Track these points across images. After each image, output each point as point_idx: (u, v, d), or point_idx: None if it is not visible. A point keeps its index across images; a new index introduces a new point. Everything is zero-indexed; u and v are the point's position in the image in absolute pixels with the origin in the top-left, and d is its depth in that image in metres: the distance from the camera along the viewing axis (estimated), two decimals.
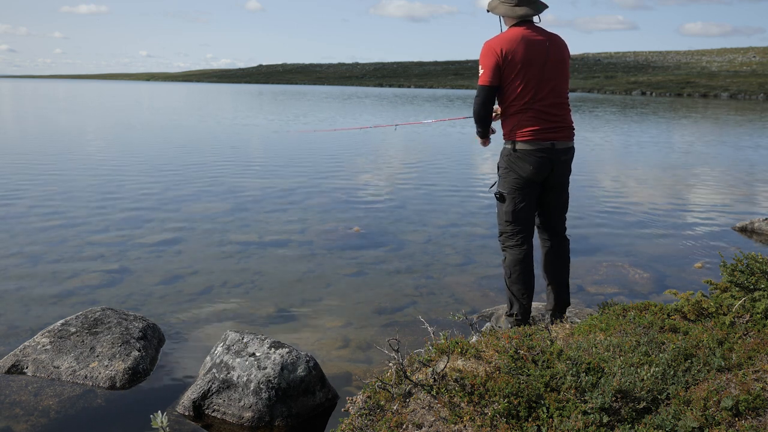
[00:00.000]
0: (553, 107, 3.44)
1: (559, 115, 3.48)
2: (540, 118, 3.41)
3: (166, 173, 10.88)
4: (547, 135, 3.42)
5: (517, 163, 3.45)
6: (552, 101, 3.44)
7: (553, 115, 3.45)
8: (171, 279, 5.20)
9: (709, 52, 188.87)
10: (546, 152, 3.42)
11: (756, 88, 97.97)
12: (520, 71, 3.35)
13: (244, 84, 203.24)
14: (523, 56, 3.33)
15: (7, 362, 3.48)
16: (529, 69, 3.35)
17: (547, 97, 3.42)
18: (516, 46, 3.33)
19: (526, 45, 3.34)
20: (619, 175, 12.23)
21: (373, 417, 2.44)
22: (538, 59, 3.36)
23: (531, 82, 3.37)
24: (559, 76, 3.46)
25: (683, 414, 2.16)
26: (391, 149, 16.24)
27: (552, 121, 3.44)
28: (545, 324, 3.37)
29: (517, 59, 3.33)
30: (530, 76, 3.36)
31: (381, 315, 4.56)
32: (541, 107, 3.41)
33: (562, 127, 3.48)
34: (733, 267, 3.18)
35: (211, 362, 3.30)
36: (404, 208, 8.41)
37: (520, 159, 3.43)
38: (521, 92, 3.38)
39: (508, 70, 3.36)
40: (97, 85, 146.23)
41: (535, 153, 3.41)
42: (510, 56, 3.32)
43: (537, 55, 3.36)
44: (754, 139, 21.94)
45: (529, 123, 3.40)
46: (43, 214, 7.40)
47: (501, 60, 3.33)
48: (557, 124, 3.46)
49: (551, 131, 3.43)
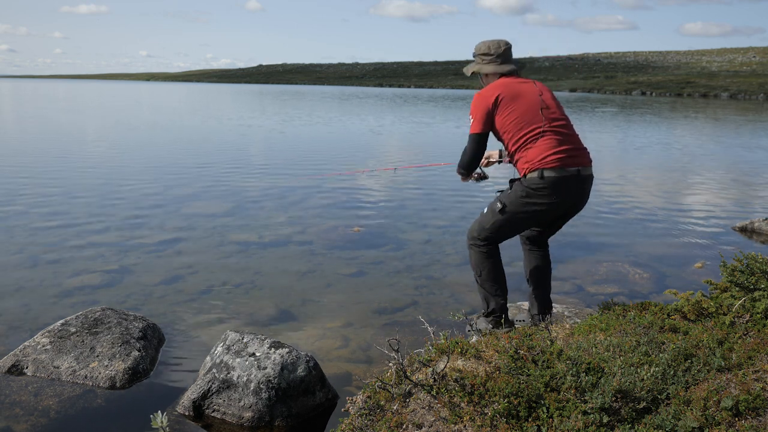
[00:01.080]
0: (567, 129, 3.37)
1: (575, 136, 3.40)
2: (560, 140, 3.28)
3: (167, 173, 10.88)
4: (574, 160, 3.28)
5: (541, 192, 3.26)
6: (564, 122, 3.38)
7: (570, 136, 3.36)
8: (171, 279, 5.20)
9: (709, 52, 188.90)
10: (573, 181, 3.27)
11: (756, 88, 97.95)
12: (520, 102, 3.32)
13: (244, 84, 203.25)
14: (517, 92, 3.35)
15: (7, 362, 3.48)
16: (527, 98, 3.35)
17: (559, 119, 3.36)
18: (507, 87, 3.37)
19: (515, 84, 3.40)
20: (620, 175, 12.23)
21: (373, 417, 2.44)
22: (532, 92, 3.39)
23: (534, 107, 3.32)
24: (558, 106, 3.44)
25: (683, 414, 2.16)
26: (392, 149, 16.25)
27: (572, 142, 3.34)
28: (545, 324, 3.37)
29: (511, 95, 3.33)
30: (531, 103, 3.33)
31: (381, 315, 4.56)
32: (557, 128, 3.32)
33: (582, 150, 3.39)
34: (733, 267, 3.18)
35: (211, 362, 3.30)
36: (404, 208, 8.41)
37: (545, 188, 3.25)
38: (530, 119, 3.30)
39: (503, 108, 3.33)
40: (97, 85, 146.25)
41: (564, 182, 3.25)
42: (501, 97, 3.33)
43: (530, 89, 3.40)
44: (754, 139, 21.94)
45: (551, 146, 3.26)
46: (43, 214, 7.40)
47: (491, 105, 3.34)
48: (578, 146, 3.37)
49: (574, 155, 3.30)
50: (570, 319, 3.90)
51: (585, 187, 3.38)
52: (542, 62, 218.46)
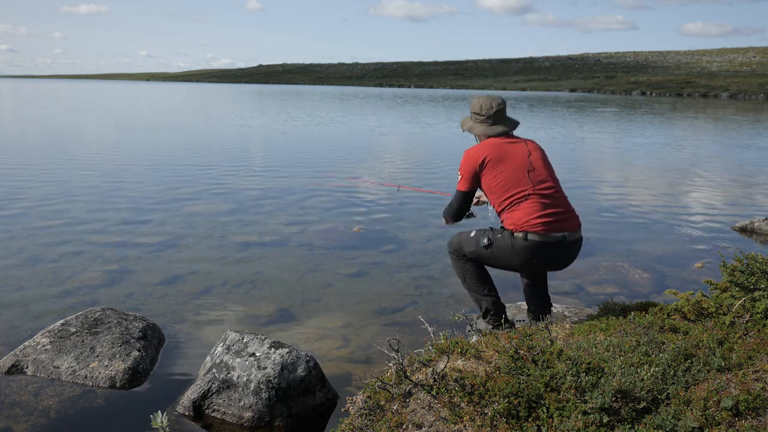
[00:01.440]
0: (554, 192, 3.37)
1: (563, 203, 3.39)
2: (546, 204, 3.29)
3: (167, 173, 10.88)
4: (559, 225, 3.28)
5: (523, 252, 3.29)
6: (551, 184, 3.38)
7: (556, 199, 3.35)
8: (171, 279, 5.20)
9: (709, 52, 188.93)
10: (557, 247, 3.28)
11: (756, 88, 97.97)
12: (506, 165, 3.35)
13: (244, 84, 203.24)
14: (505, 153, 3.38)
15: (7, 362, 3.48)
16: (514, 160, 3.37)
17: (546, 180, 3.36)
18: (495, 149, 3.40)
19: (505, 145, 3.43)
20: (620, 175, 12.23)
21: (373, 417, 2.44)
22: (520, 153, 3.41)
23: (521, 169, 3.34)
24: (547, 168, 3.45)
25: (683, 414, 2.16)
26: (392, 150, 16.25)
27: (558, 206, 3.33)
28: (545, 324, 3.37)
29: (497, 157, 3.36)
30: (518, 165, 3.36)
31: (381, 315, 4.56)
32: (542, 190, 3.32)
33: (570, 213, 3.38)
34: (733, 267, 3.18)
35: (211, 362, 3.30)
36: (404, 208, 8.41)
37: (527, 250, 3.27)
38: (516, 182, 3.32)
39: (489, 170, 3.36)
40: (97, 85, 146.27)
41: (548, 247, 3.26)
42: (489, 158, 3.37)
43: (518, 150, 3.42)
44: (754, 139, 21.94)
45: (535, 210, 3.26)
46: (43, 214, 7.40)
47: (479, 165, 3.38)
48: (565, 210, 3.36)
49: (561, 219, 3.30)
50: (570, 319, 3.90)
51: (571, 252, 3.39)
52: (542, 62, 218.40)
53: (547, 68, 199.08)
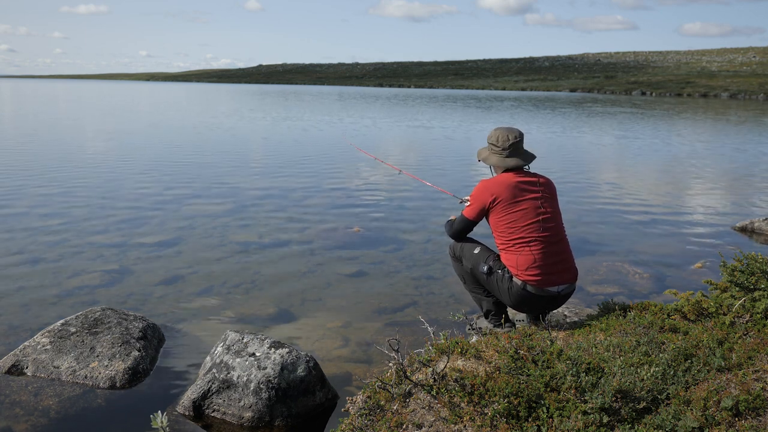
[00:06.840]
0: (557, 244, 3.42)
1: (564, 253, 3.46)
2: (547, 254, 3.35)
3: (167, 173, 10.88)
4: (557, 277, 3.37)
5: (517, 298, 3.40)
6: (556, 233, 3.43)
7: (558, 253, 3.42)
8: (171, 279, 5.20)
9: (709, 52, 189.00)
10: (549, 299, 3.40)
11: (756, 88, 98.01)
12: (515, 208, 3.38)
13: (244, 84, 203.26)
14: (517, 194, 3.40)
15: (7, 362, 3.48)
16: (525, 204, 3.40)
17: (551, 229, 3.41)
18: (509, 190, 3.41)
19: (518, 185, 3.44)
20: (619, 175, 12.23)
21: (373, 417, 2.44)
22: (531, 195, 3.44)
23: (528, 215, 3.38)
24: (555, 211, 3.49)
25: (683, 414, 2.16)
26: (391, 150, 16.24)
27: (559, 255, 3.41)
28: (545, 324, 3.37)
29: (509, 199, 3.39)
30: (528, 210, 3.39)
31: (381, 315, 4.56)
32: (547, 239, 3.38)
33: (568, 267, 3.45)
34: (733, 267, 3.18)
35: (211, 362, 3.30)
36: (404, 208, 8.41)
37: (522, 298, 3.38)
38: (522, 226, 3.37)
39: (499, 210, 3.40)
40: (97, 85, 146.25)
41: (541, 300, 3.38)
42: (501, 198, 3.39)
43: (530, 192, 3.44)
44: (754, 139, 21.94)
45: (537, 259, 3.33)
46: (43, 214, 7.40)
47: (489, 202, 3.41)
48: (565, 260, 3.44)
49: (559, 271, 3.38)
50: (570, 318, 3.90)
51: (560, 303, 3.50)
52: (542, 62, 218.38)
53: (546, 68, 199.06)
